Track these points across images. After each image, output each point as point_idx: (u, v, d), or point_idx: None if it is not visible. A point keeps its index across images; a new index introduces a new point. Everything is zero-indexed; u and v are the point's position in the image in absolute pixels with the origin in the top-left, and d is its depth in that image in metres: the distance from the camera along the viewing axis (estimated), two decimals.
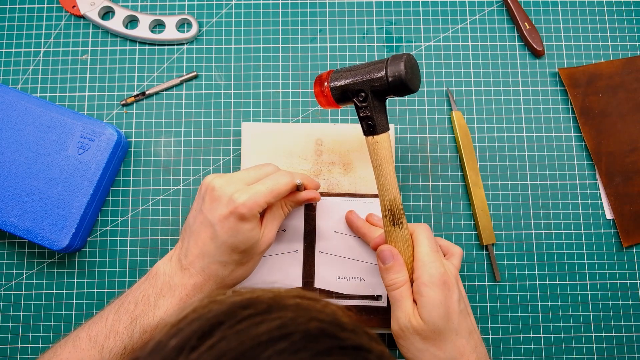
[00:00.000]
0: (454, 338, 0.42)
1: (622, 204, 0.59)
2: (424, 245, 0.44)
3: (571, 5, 0.64)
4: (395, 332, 0.43)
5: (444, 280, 0.42)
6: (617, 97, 0.61)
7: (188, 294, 0.44)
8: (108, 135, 0.55)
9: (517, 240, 0.58)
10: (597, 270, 0.58)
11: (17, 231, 0.54)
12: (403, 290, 0.43)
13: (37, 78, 0.61)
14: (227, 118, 0.60)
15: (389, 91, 0.43)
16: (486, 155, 0.60)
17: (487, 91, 0.61)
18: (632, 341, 0.57)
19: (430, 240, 0.45)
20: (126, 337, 0.43)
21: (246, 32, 0.63)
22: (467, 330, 0.43)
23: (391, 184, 0.44)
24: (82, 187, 0.54)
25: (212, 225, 0.43)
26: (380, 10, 0.63)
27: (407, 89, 0.43)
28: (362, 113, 0.44)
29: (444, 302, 0.42)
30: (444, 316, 0.41)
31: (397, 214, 0.44)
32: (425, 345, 0.41)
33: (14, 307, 0.57)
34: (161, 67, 0.61)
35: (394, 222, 0.44)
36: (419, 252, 0.44)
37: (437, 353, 0.41)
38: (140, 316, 0.43)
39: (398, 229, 0.44)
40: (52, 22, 0.62)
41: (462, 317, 0.43)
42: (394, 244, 0.45)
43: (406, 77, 0.42)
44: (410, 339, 0.42)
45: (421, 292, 0.42)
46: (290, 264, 0.52)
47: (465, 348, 0.42)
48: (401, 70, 0.42)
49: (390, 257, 0.44)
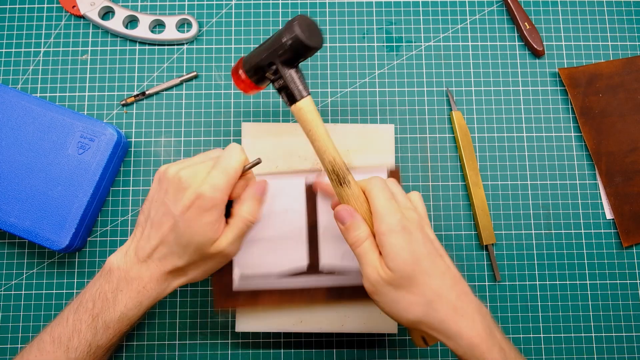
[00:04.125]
0: (427, 280, 0.41)
1: (622, 204, 0.59)
2: (378, 198, 0.43)
3: (571, 5, 0.64)
4: (368, 289, 0.42)
5: (402, 225, 0.41)
6: (617, 97, 0.61)
7: (145, 286, 0.45)
8: (108, 135, 0.55)
9: (517, 240, 0.58)
10: (597, 270, 0.58)
11: (17, 231, 0.54)
12: (366, 245, 0.42)
13: (37, 78, 0.61)
14: (227, 118, 0.60)
15: (295, 55, 0.43)
16: (486, 155, 0.60)
17: (487, 91, 0.61)
18: (632, 341, 0.57)
19: (384, 191, 0.43)
20: (90, 335, 0.44)
21: (246, 32, 0.63)
22: (440, 271, 0.41)
23: (327, 146, 0.44)
24: (82, 187, 0.54)
25: (174, 217, 0.44)
26: (380, 10, 0.63)
27: (308, 48, 0.43)
28: (277, 85, 0.45)
29: (407, 247, 0.40)
30: (410, 261, 0.40)
31: (341, 173, 0.44)
32: (399, 293, 0.41)
33: (14, 307, 0.57)
34: (161, 67, 0.61)
35: (340, 182, 0.44)
36: (374, 204, 0.43)
37: (412, 298, 0.41)
38: (100, 313, 0.44)
39: (347, 188, 0.44)
40: (52, 22, 0.62)
41: (431, 258, 0.42)
42: (347, 203, 0.44)
43: (303, 37, 0.42)
44: (383, 292, 0.41)
45: (382, 242, 0.41)
46: (294, 245, 0.51)
47: (442, 288, 0.41)
48: (296, 32, 0.42)
49: (348, 215, 0.43)
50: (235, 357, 0.56)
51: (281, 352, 0.57)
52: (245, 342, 0.57)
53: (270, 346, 0.57)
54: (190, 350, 0.56)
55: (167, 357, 0.56)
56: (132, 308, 0.45)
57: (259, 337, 0.57)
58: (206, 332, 0.57)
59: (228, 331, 0.57)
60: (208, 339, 0.57)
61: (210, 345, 0.56)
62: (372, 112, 0.61)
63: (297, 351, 0.57)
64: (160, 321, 0.57)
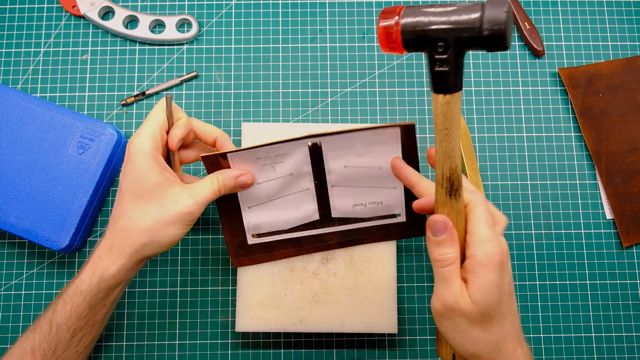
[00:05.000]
0: (501, 321, 0.38)
1: (622, 204, 0.59)
2: (481, 220, 0.39)
3: (571, 5, 0.64)
4: (438, 310, 0.39)
5: (501, 260, 0.37)
6: (617, 97, 0.61)
7: (100, 255, 0.44)
8: (108, 135, 0.55)
9: (517, 240, 0.58)
10: (597, 270, 0.58)
11: (17, 231, 0.54)
12: (453, 268, 0.38)
13: (37, 78, 0.61)
14: (227, 118, 0.60)
15: (479, 44, 0.34)
16: (486, 155, 0.60)
17: (487, 91, 0.61)
18: (632, 341, 0.57)
19: (488, 214, 0.39)
20: (50, 312, 0.45)
21: (246, 32, 0.63)
22: (513, 314, 0.40)
23: (455, 151, 0.38)
24: (82, 187, 0.54)
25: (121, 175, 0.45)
26: (380, 11, 0.63)
27: (502, 44, 0.34)
28: (438, 67, 0.35)
29: (499, 285, 0.37)
30: (497, 300, 0.37)
31: (457, 184, 0.39)
32: (470, 327, 0.38)
33: (14, 307, 0.57)
34: (161, 67, 0.61)
35: (450, 193, 0.39)
36: (476, 226, 0.39)
37: (482, 336, 0.38)
38: (63, 291, 0.45)
39: (454, 200, 0.39)
40: (52, 22, 0.62)
41: (511, 300, 0.39)
42: (447, 215, 0.39)
43: (506, 29, 0.33)
44: (454, 320, 0.38)
45: (476, 272, 0.37)
46: (304, 200, 0.52)
47: (509, 332, 0.39)
48: (502, 20, 0.33)
49: (444, 229, 0.39)
50: (235, 357, 0.56)
51: (281, 352, 0.57)
52: (245, 342, 0.57)
53: (270, 346, 0.57)
54: (190, 350, 0.56)
55: (167, 357, 0.56)
56: (86, 280, 0.44)
57: (259, 337, 0.57)
58: (206, 332, 0.57)
59: (228, 331, 0.57)
60: (208, 339, 0.57)
61: (210, 345, 0.56)
62: (372, 112, 0.61)
63: (297, 351, 0.57)
64: (160, 321, 0.57)
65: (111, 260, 0.44)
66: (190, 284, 0.57)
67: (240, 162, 0.48)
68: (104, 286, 0.44)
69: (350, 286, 0.53)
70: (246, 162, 0.49)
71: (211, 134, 0.50)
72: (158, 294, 0.57)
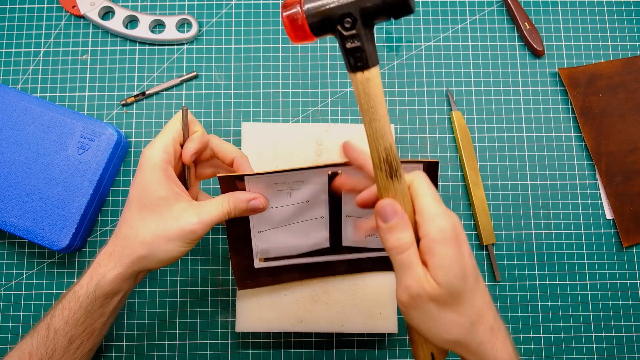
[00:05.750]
0: (471, 298, 0.36)
1: (622, 204, 0.59)
2: (427, 196, 0.37)
3: (571, 5, 0.64)
4: (405, 301, 0.37)
5: (455, 233, 0.36)
6: (617, 97, 0.61)
7: (100, 262, 0.43)
8: (108, 135, 0.55)
9: (517, 240, 0.58)
10: (597, 270, 0.58)
11: (17, 231, 0.54)
12: (411, 253, 0.36)
13: (37, 78, 0.61)
14: (227, 118, 0.60)
15: (384, 12, 0.34)
16: (486, 155, 0.60)
17: (487, 91, 0.61)
18: (632, 341, 0.57)
19: (432, 189, 0.38)
20: (49, 316, 0.44)
21: (246, 32, 0.63)
22: (482, 290, 0.38)
23: (386, 130, 0.36)
24: (82, 187, 0.54)
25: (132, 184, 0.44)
26: None
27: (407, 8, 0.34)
28: (350, 44, 0.35)
29: (459, 259, 0.35)
30: (461, 275, 0.35)
31: (395, 164, 0.37)
32: (441, 311, 0.36)
33: (14, 307, 0.57)
34: (161, 67, 0.61)
35: (391, 174, 0.37)
36: (423, 204, 0.37)
37: (455, 318, 0.36)
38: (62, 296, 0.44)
39: (396, 182, 0.37)
40: (52, 22, 0.62)
41: (476, 273, 0.37)
42: (394, 199, 0.38)
43: None
44: (423, 308, 0.36)
45: (433, 251, 0.35)
46: (316, 228, 0.50)
47: (483, 310, 0.37)
48: None
49: (394, 213, 0.37)
50: (235, 357, 0.56)
51: (281, 352, 0.57)
52: (245, 342, 0.57)
53: (270, 346, 0.57)
54: (190, 350, 0.56)
55: (167, 357, 0.56)
56: (84, 285, 0.43)
57: (259, 337, 0.57)
58: (206, 332, 0.57)
59: (228, 331, 0.57)
60: (208, 339, 0.57)
61: (210, 345, 0.56)
62: None
63: (297, 351, 0.57)
64: (160, 321, 0.57)
65: (109, 267, 0.43)
66: (190, 284, 0.57)
67: (256, 186, 0.46)
68: (100, 293, 0.43)
69: (350, 286, 0.53)
70: (262, 186, 0.46)
71: (230, 154, 0.47)
72: (158, 294, 0.57)
